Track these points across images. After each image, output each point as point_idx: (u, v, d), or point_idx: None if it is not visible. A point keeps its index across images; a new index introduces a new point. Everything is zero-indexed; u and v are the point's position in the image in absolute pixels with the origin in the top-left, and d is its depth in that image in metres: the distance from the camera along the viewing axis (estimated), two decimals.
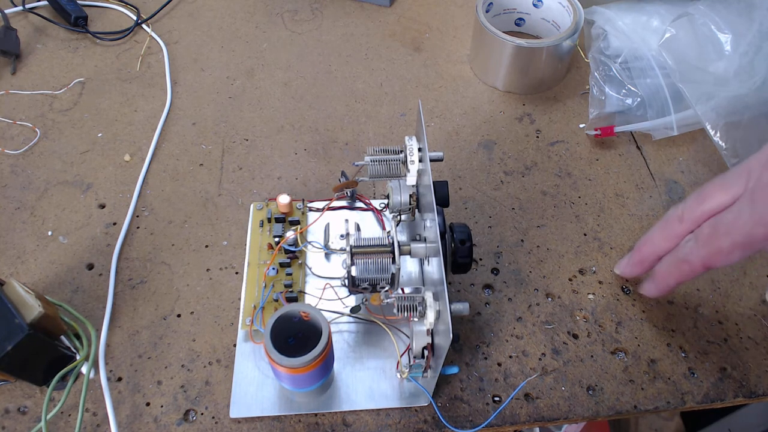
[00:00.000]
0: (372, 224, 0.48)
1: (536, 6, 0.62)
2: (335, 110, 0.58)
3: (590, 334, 0.44)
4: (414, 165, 0.40)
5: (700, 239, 0.36)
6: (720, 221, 0.35)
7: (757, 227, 0.33)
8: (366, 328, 0.43)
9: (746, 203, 0.34)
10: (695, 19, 0.53)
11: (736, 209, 0.35)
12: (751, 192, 0.34)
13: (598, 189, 0.52)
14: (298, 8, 0.68)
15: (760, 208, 0.33)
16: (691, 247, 0.37)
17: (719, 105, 0.51)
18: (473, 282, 0.46)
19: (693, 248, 0.37)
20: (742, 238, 0.34)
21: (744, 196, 0.34)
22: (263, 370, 0.41)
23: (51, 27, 0.65)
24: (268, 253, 0.46)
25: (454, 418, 0.39)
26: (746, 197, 0.34)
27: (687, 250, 0.37)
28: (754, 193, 0.34)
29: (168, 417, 0.39)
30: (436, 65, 0.62)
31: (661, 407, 0.40)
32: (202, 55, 0.63)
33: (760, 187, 0.33)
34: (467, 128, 0.57)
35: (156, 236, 0.48)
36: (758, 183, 0.34)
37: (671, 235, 0.39)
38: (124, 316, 0.44)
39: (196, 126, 0.56)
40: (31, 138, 0.54)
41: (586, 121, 0.57)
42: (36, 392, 0.40)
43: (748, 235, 0.34)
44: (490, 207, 0.51)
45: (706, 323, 0.44)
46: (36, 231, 0.48)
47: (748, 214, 0.34)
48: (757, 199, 0.33)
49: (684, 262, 0.38)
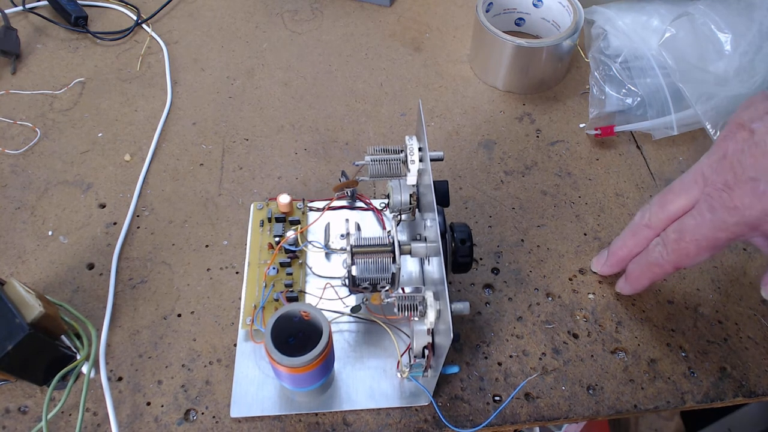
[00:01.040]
0: (372, 224, 0.48)
1: (536, 6, 0.62)
2: (335, 110, 0.58)
3: (590, 333, 0.44)
4: (414, 164, 0.40)
5: (667, 244, 0.38)
6: (684, 227, 0.37)
7: (719, 232, 0.36)
8: (366, 328, 0.43)
9: (706, 209, 0.36)
10: (695, 18, 0.53)
11: (697, 215, 0.36)
12: (708, 197, 0.36)
13: (598, 189, 0.52)
14: (298, 8, 0.68)
15: (719, 213, 0.35)
16: (660, 251, 0.39)
17: (719, 104, 0.51)
18: (473, 281, 0.46)
19: (662, 252, 0.39)
20: (707, 241, 0.36)
21: (703, 201, 0.36)
22: (264, 369, 0.41)
23: (51, 27, 0.65)
24: (268, 252, 0.46)
25: (455, 418, 0.39)
26: (705, 202, 0.36)
27: (656, 254, 0.39)
28: (712, 198, 0.36)
29: (168, 416, 0.39)
30: (436, 65, 0.62)
31: (661, 407, 0.40)
32: (202, 55, 0.63)
33: (716, 193, 0.35)
34: (467, 128, 0.57)
35: (156, 236, 0.48)
36: (713, 188, 0.36)
37: (642, 240, 0.41)
38: (125, 315, 0.44)
39: (196, 126, 0.56)
40: (32, 138, 0.54)
41: (586, 120, 0.57)
42: (36, 392, 0.40)
43: (712, 239, 0.36)
44: (491, 207, 0.51)
45: (706, 323, 0.44)
46: (36, 231, 0.48)
47: (709, 219, 0.36)
48: (716, 206, 0.35)
49: (654, 266, 0.40)
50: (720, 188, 0.35)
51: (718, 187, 0.35)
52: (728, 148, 0.35)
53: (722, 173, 0.35)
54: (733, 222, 0.35)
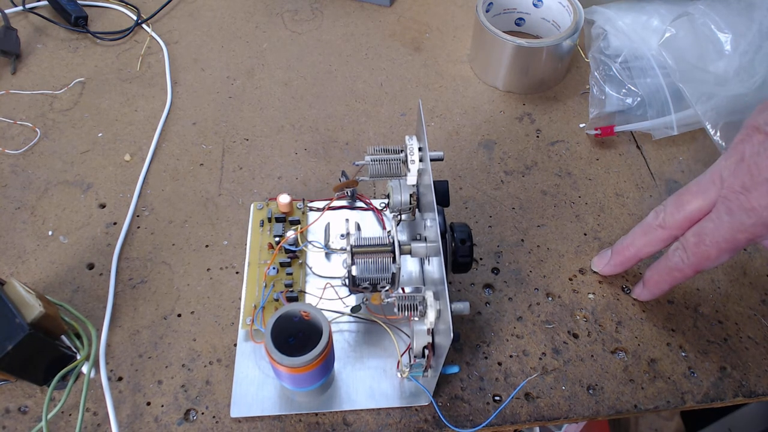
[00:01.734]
0: (372, 224, 0.48)
1: (536, 6, 0.62)
2: (335, 110, 0.58)
3: (590, 333, 0.44)
4: (414, 164, 0.40)
5: (687, 248, 0.39)
6: (703, 230, 0.38)
7: (738, 233, 0.36)
8: (366, 328, 0.43)
9: (724, 211, 0.36)
10: (695, 18, 0.53)
11: (716, 218, 0.37)
12: (725, 200, 0.36)
13: (598, 188, 0.52)
14: (298, 8, 0.68)
15: (737, 215, 0.36)
16: (680, 255, 0.39)
17: (719, 104, 0.51)
18: (473, 281, 0.46)
19: (682, 256, 0.39)
20: (726, 244, 0.37)
21: (720, 204, 0.37)
22: (264, 369, 0.41)
23: (51, 27, 0.65)
24: (268, 252, 0.46)
25: (455, 418, 0.39)
26: (723, 205, 0.36)
27: (677, 259, 0.40)
28: (729, 201, 0.36)
29: (168, 416, 0.39)
30: (436, 65, 0.62)
31: (661, 407, 0.40)
32: (202, 55, 0.63)
33: (734, 196, 0.36)
34: (467, 128, 0.57)
35: (156, 236, 0.48)
36: (730, 191, 0.36)
37: (654, 241, 0.41)
38: (125, 315, 0.44)
39: (196, 126, 0.56)
40: (32, 138, 0.54)
41: (586, 120, 0.57)
42: (36, 392, 0.40)
43: (732, 241, 0.36)
44: (491, 206, 0.51)
45: (706, 323, 0.44)
46: (36, 231, 0.48)
47: (728, 222, 0.36)
48: (733, 208, 0.36)
49: (675, 270, 0.40)
50: (737, 191, 0.36)
51: (735, 190, 0.36)
52: (745, 151, 0.36)
53: (739, 176, 0.36)
54: (751, 223, 0.35)
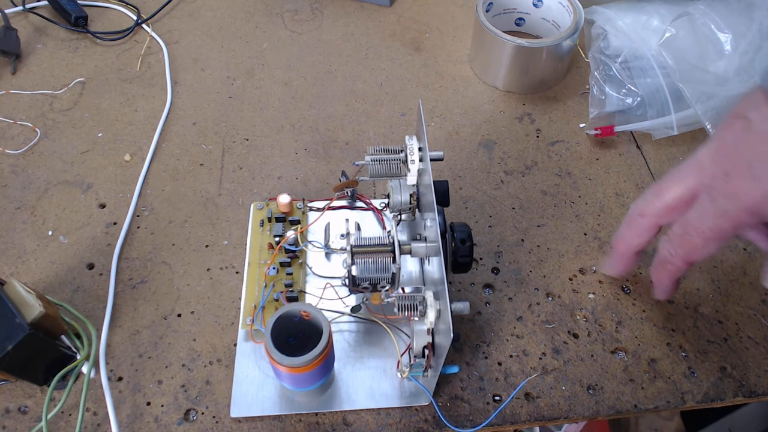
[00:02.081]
0: (372, 224, 0.48)
1: (536, 6, 0.62)
2: (335, 110, 0.58)
3: (590, 333, 0.44)
4: (414, 164, 0.40)
5: (673, 240, 0.39)
6: (688, 221, 0.37)
7: (721, 221, 0.35)
8: (366, 328, 0.43)
9: (707, 200, 0.36)
10: (695, 18, 0.53)
11: (699, 207, 0.37)
12: (708, 188, 0.36)
13: (598, 188, 0.52)
14: (298, 8, 0.68)
15: (719, 202, 0.35)
16: (667, 248, 0.39)
17: (719, 104, 0.51)
18: (473, 281, 0.46)
19: (669, 249, 0.39)
20: (711, 232, 0.36)
21: (703, 192, 0.36)
22: (264, 369, 0.41)
23: (51, 27, 0.65)
24: (268, 252, 0.46)
25: (455, 418, 0.39)
26: (705, 194, 0.36)
27: (665, 252, 0.39)
28: (712, 188, 0.36)
29: (168, 416, 0.39)
30: (436, 65, 0.62)
31: (661, 407, 0.40)
32: (202, 55, 0.63)
33: (716, 183, 0.35)
34: (467, 128, 0.57)
35: (156, 236, 0.48)
36: (712, 178, 0.36)
37: (639, 231, 0.41)
38: (125, 315, 0.44)
39: (196, 126, 0.56)
40: (32, 138, 0.54)
41: (586, 120, 0.57)
42: (36, 392, 0.40)
43: (716, 230, 0.36)
44: (491, 206, 0.51)
45: (706, 323, 0.44)
46: (36, 231, 0.48)
47: (711, 210, 0.36)
48: (716, 196, 0.35)
49: (667, 263, 0.40)
50: (719, 177, 0.35)
51: (717, 176, 0.35)
52: (726, 138, 0.36)
53: (721, 163, 0.35)
54: (733, 209, 0.35)
